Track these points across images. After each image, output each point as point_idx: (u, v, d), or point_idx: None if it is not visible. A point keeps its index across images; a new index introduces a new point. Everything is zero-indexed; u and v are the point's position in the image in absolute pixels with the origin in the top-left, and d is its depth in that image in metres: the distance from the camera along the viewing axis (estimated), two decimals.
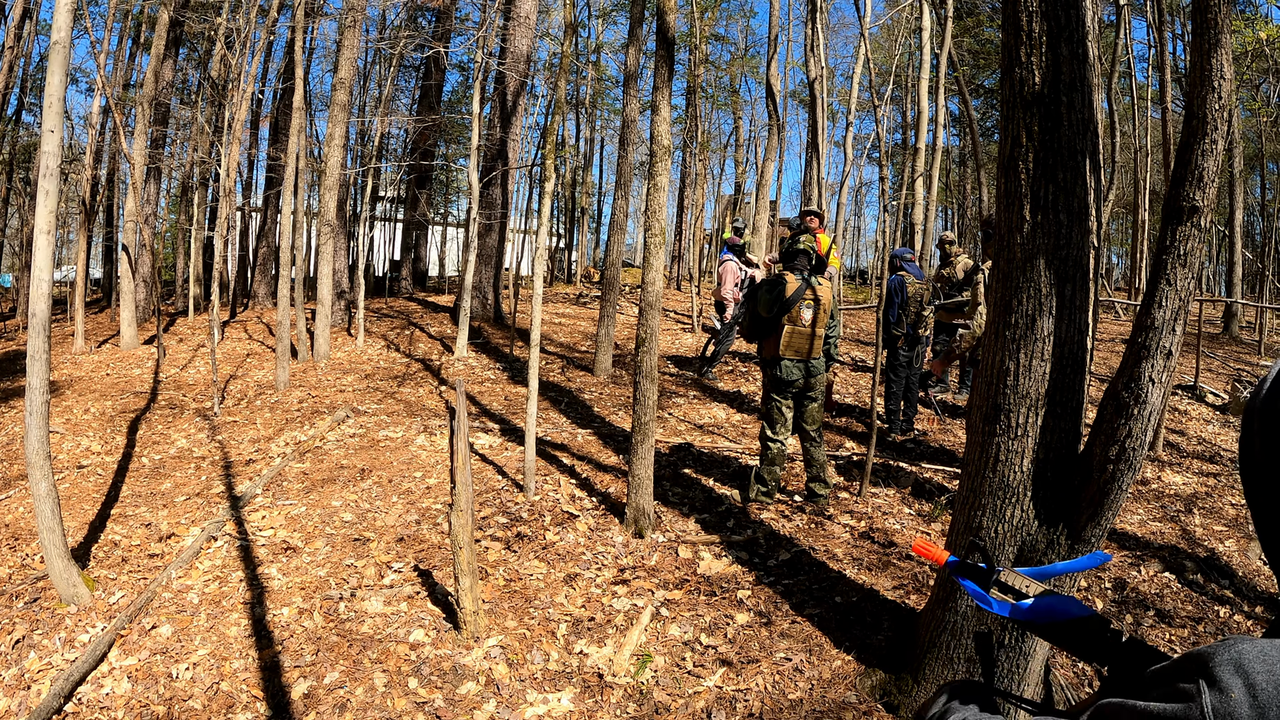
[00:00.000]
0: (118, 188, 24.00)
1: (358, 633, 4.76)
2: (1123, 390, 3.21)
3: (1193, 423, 9.46)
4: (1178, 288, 3.08)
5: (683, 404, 9.90)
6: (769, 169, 18.81)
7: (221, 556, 5.87)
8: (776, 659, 4.42)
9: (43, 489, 5.08)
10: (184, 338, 15.75)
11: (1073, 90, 3.38)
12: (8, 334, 18.58)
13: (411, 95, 29.41)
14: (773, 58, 18.33)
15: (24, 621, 5.07)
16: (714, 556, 5.66)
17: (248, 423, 9.32)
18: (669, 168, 6.06)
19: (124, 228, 15.68)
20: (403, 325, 16.12)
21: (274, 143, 21.23)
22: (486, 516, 6.30)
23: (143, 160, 15.14)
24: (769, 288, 6.40)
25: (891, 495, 6.90)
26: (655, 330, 5.90)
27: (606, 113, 35.94)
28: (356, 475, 7.40)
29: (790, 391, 6.50)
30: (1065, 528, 3.45)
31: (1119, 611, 4.95)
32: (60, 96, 5.14)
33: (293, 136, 11.46)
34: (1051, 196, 3.40)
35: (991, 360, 3.66)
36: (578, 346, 13.84)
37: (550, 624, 4.85)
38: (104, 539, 6.26)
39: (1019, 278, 3.50)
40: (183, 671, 4.47)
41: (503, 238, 16.42)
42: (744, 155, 36.13)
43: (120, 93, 19.38)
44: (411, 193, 23.89)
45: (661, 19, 5.95)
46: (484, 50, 13.38)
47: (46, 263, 5.11)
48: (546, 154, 7.29)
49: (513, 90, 15.88)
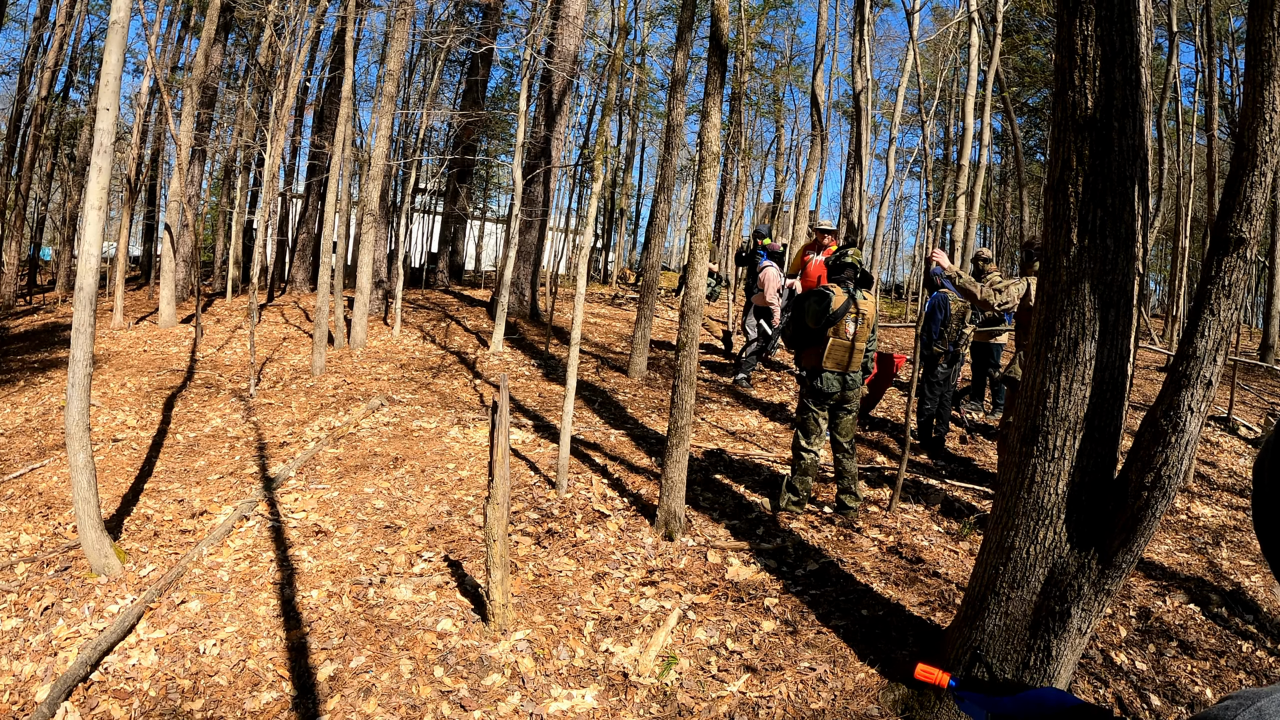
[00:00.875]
0: (161, 168, 24.29)
1: (385, 619, 4.75)
2: (1161, 418, 3.17)
3: (1224, 455, 9.30)
4: (1221, 318, 3.04)
5: (715, 410, 9.85)
6: (810, 178, 18.73)
7: (253, 536, 5.89)
8: (801, 668, 4.38)
9: (80, 460, 5.10)
10: (221, 318, 15.86)
11: (1124, 116, 3.34)
12: (46, 306, 18.83)
13: (455, 90, 29.52)
14: (818, 68, 18.24)
15: (54, 589, 5.10)
16: (742, 563, 5.61)
17: (283, 405, 9.36)
18: (717, 174, 6.05)
19: (167, 207, 15.81)
20: (439, 317, 16.16)
21: (317, 131, 21.35)
22: (518, 511, 6.28)
23: (189, 141, 15.28)
24: (817, 299, 6.36)
25: (920, 512, 6.82)
26: (696, 335, 5.86)
27: (648, 115, 35.96)
28: (389, 463, 7.41)
29: (827, 403, 6.46)
30: (1097, 552, 3.41)
31: (1142, 640, 4.86)
32: (117, 75, 5.17)
33: (340, 125, 11.53)
34: (1099, 221, 3.37)
35: (1032, 382, 3.63)
36: (612, 347, 13.81)
37: (577, 621, 4.82)
38: (136, 512, 6.30)
39: (1063, 300, 3.47)
40: (210, 647, 4.48)
41: (542, 235, 16.42)
42: (784, 164, 36.00)
43: (168, 75, 19.62)
44: (452, 186, 23.95)
45: (716, 26, 5.92)
46: (532, 48, 13.39)
47: (96, 238, 5.14)
48: (596, 153, 7.27)
49: (559, 89, 15.89)
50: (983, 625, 3.76)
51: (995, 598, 3.70)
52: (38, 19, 21.21)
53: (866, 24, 16.41)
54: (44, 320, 16.15)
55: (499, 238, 38.42)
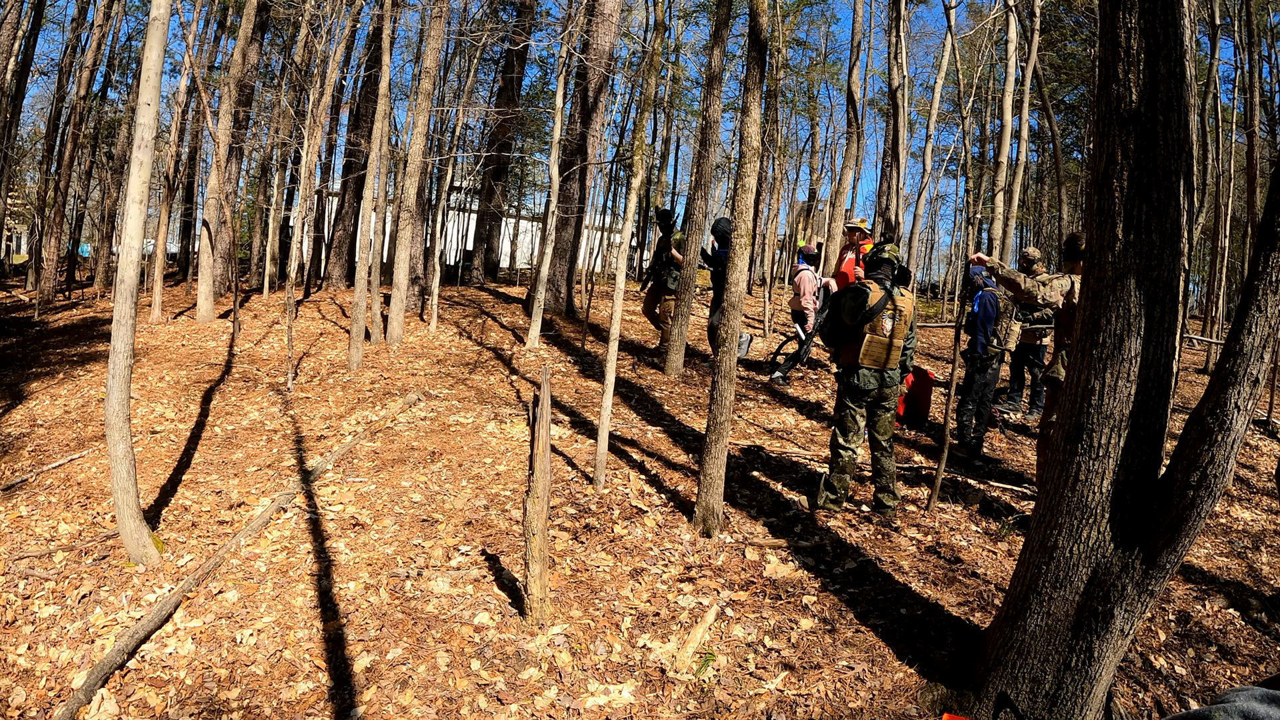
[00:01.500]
0: (199, 165, 24.55)
1: (422, 611, 4.72)
2: (1207, 415, 3.10)
3: (1264, 459, 9.10)
4: (1268, 314, 2.95)
5: (752, 408, 9.78)
6: (847, 176, 18.62)
7: (290, 528, 5.89)
8: (839, 666, 4.32)
9: (120, 450, 5.12)
10: (258, 314, 15.96)
11: (1169, 109, 3.28)
12: (85, 301, 19.04)
13: (490, 88, 29.57)
14: (854, 65, 18.15)
15: (91, 578, 5.12)
16: (780, 560, 5.55)
17: (320, 400, 9.38)
18: (756, 169, 5.97)
19: (205, 204, 15.95)
20: (475, 314, 16.17)
21: (353, 129, 21.45)
22: (555, 506, 6.24)
23: (226, 139, 15.38)
24: (853, 296, 6.27)
25: (959, 512, 6.73)
26: (736, 331, 5.80)
27: (683, 113, 35.88)
28: (426, 457, 7.39)
29: (865, 400, 6.37)
30: (1141, 552, 3.35)
31: (1181, 645, 4.77)
32: (157, 71, 5.19)
33: (378, 122, 11.54)
34: (1144, 216, 3.32)
35: (1076, 379, 3.58)
36: (648, 344, 13.75)
37: (615, 616, 4.77)
38: (174, 503, 6.32)
39: (1108, 296, 3.42)
40: (247, 637, 4.47)
41: (578, 233, 16.39)
42: (819, 162, 35.86)
43: (206, 74, 19.81)
44: (487, 184, 24.00)
45: (755, 20, 5.86)
46: (568, 45, 13.36)
47: (137, 231, 5.16)
48: (635, 149, 7.21)
49: (594, 86, 15.85)
50: (1024, 625, 3.71)
51: (1037, 597, 3.64)
52: (75, 19, 21.51)
53: (902, 20, 16.27)
54: (83, 315, 16.32)
55: (534, 235, 38.53)
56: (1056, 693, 3.58)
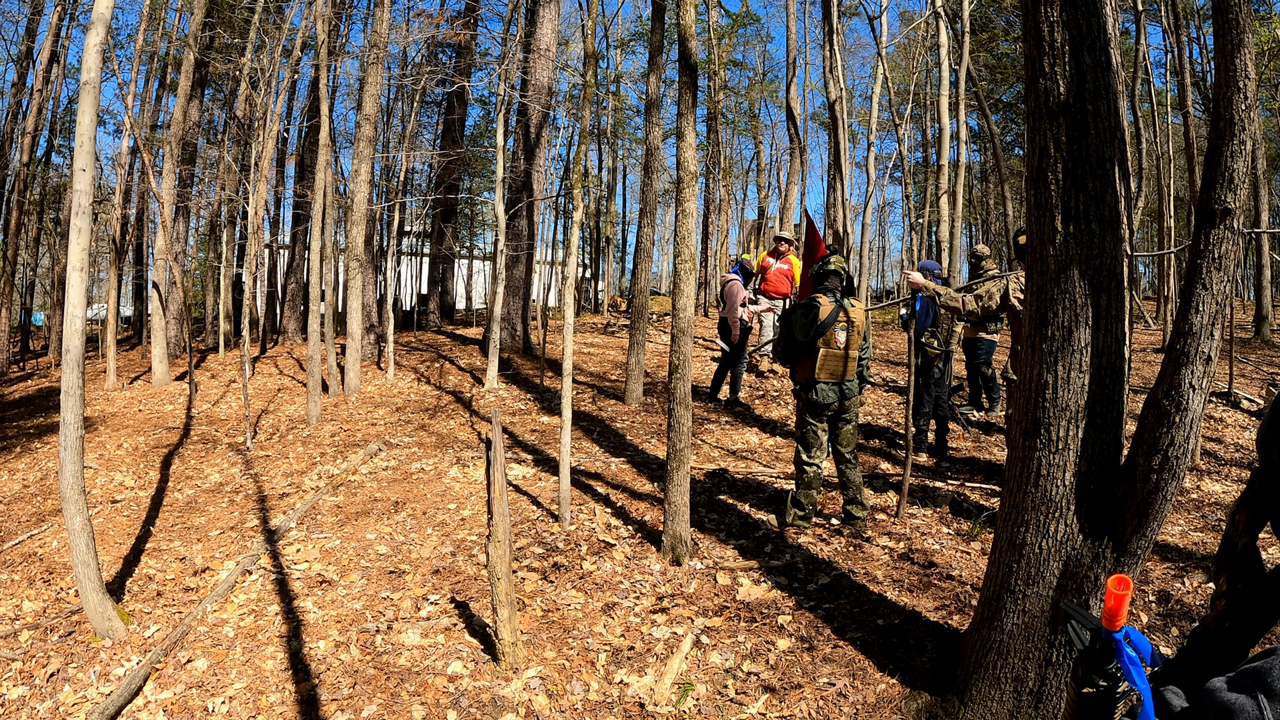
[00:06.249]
0: (147, 226, 24.30)
1: (395, 665, 4.70)
2: (1163, 398, 3.16)
3: (1229, 430, 9.28)
4: (1214, 291, 3.03)
5: (715, 430, 9.82)
6: (792, 192, 18.78)
7: (257, 590, 5.84)
8: (820, 684, 4.33)
9: (77, 523, 5.07)
10: (215, 373, 15.83)
11: (1098, 98, 3.37)
12: (40, 371, 18.79)
13: (434, 130, 29.59)
14: (791, 81, 18.33)
15: (59, 655, 5.05)
16: (753, 582, 5.57)
17: (281, 457, 9.32)
18: (696, 193, 6.04)
19: (154, 265, 15.82)
20: (432, 358, 16.14)
21: (300, 180, 21.42)
22: (522, 547, 6.23)
23: (171, 199, 15.28)
24: (804, 311, 6.33)
25: (929, 515, 6.79)
26: (688, 356, 5.85)
27: (628, 142, 36.07)
28: (390, 508, 7.36)
29: (825, 414, 6.42)
30: (1110, 541, 3.39)
31: (1164, 624, 4.83)
32: (91, 135, 5.19)
33: (320, 172, 11.53)
34: (1082, 206, 3.39)
35: (1029, 374, 3.62)
36: (608, 375, 13.78)
37: (589, 654, 4.77)
38: (139, 573, 6.25)
39: (1053, 289, 3.48)
40: (219, 705, 4.42)
41: (530, 269, 16.43)
42: (766, 180, 36.12)
43: (148, 133, 19.67)
44: (437, 226, 23.99)
45: (683, 45, 5.95)
46: (506, 83, 13.44)
47: (79, 299, 5.13)
48: (574, 183, 7.28)
49: (535, 122, 15.95)
50: (1001, 625, 3.73)
51: (1011, 596, 3.67)
52: (15, 85, 21.28)
53: (836, 33, 16.46)
54: (39, 386, 16.11)
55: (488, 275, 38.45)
56: (1041, 689, 3.59)
